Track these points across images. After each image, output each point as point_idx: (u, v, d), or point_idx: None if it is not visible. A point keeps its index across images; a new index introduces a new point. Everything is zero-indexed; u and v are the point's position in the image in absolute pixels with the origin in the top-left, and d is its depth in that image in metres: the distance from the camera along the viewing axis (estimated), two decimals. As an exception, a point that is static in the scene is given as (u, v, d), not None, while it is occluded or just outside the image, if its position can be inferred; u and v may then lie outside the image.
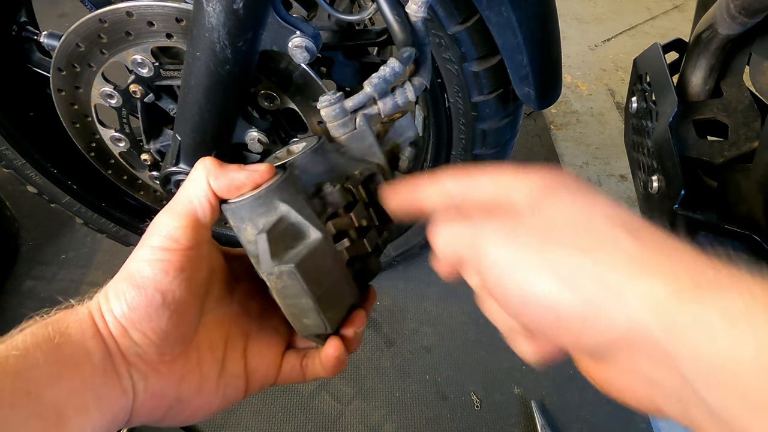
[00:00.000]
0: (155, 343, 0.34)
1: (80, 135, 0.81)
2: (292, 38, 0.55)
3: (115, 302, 0.33)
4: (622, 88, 1.72)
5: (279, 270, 0.34)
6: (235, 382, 0.39)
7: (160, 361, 0.34)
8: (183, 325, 0.35)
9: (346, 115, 0.42)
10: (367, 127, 0.43)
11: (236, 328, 0.40)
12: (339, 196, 0.39)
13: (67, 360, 0.31)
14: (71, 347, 0.32)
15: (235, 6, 0.50)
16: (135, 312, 0.33)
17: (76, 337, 0.32)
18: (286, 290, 0.35)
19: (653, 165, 0.74)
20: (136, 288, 0.33)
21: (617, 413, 0.98)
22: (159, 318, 0.33)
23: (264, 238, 0.34)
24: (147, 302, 0.33)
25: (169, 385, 0.35)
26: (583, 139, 1.55)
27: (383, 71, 0.42)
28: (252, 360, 0.40)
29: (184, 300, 0.34)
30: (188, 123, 0.62)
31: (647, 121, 0.79)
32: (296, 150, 0.40)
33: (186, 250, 0.34)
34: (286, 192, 0.36)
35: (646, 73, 0.81)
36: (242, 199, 0.35)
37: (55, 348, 0.31)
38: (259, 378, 0.40)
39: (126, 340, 0.33)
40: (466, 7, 0.64)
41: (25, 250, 1.24)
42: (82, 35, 0.66)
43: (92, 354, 0.32)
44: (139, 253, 0.34)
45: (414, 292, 1.16)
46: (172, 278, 0.33)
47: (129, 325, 0.33)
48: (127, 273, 0.33)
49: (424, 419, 0.97)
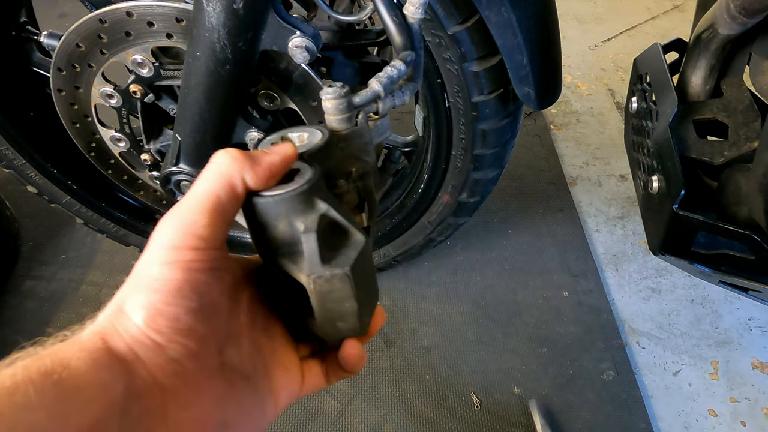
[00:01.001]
0: (195, 354, 0.29)
1: (80, 135, 0.81)
2: (292, 38, 0.55)
3: (137, 314, 0.28)
4: (622, 88, 1.72)
5: (331, 273, 0.32)
6: (269, 399, 0.35)
7: (201, 376, 0.30)
8: (219, 332, 0.31)
9: (350, 110, 0.41)
10: (366, 124, 0.42)
11: (248, 341, 0.35)
12: (354, 194, 0.38)
13: (71, 398, 0.25)
14: (78, 382, 0.25)
15: (235, 6, 0.50)
16: (169, 320, 0.28)
17: (84, 368, 0.26)
18: (332, 294, 0.33)
19: (653, 165, 0.74)
20: (164, 293, 0.28)
21: (617, 413, 0.98)
22: (197, 323, 0.29)
23: (313, 238, 0.32)
24: (182, 307, 0.29)
25: (213, 406, 0.31)
26: (583, 139, 1.55)
27: (390, 71, 0.42)
28: (276, 374, 0.36)
29: (218, 302, 0.31)
30: (188, 123, 0.62)
31: (647, 121, 0.79)
32: (294, 138, 0.39)
33: (215, 250, 0.30)
34: (322, 189, 0.34)
35: (646, 73, 0.81)
36: (281, 193, 0.32)
37: (56, 384, 0.25)
38: (286, 394, 0.36)
39: (159, 357, 0.28)
40: (466, 7, 0.64)
41: (25, 250, 1.24)
42: (82, 35, 0.66)
43: (108, 388, 0.26)
44: (160, 255, 0.29)
45: (414, 292, 1.16)
46: (207, 279, 0.30)
47: (161, 338, 0.28)
48: (148, 279, 0.29)
49: (424, 419, 0.97)
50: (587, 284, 1.17)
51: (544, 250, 1.24)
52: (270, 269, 0.36)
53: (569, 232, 1.28)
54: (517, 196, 1.37)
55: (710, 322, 1.12)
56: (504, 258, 1.23)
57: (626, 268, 1.22)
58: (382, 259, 1.09)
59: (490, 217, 1.31)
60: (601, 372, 1.03)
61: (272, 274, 0.36)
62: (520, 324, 1.11)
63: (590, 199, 1.38)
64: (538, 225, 1.29)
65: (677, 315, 1.13)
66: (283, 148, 0.34)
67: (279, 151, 0.33)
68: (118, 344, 0.28)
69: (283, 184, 0.33)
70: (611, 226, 1.32)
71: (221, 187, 0.31)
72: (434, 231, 0.98)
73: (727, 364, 1.06)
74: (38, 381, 0.24)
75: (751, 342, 1.09)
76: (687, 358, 1.07)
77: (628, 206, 1.36)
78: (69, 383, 0.25)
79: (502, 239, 1.27)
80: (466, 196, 0.89)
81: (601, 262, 1.23)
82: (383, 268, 1.14)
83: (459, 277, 1.19)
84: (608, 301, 1.14)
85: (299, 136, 0.39)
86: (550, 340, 1.08)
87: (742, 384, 1.03)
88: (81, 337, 0.28)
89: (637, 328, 1.12)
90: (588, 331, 1.09)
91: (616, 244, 1.28)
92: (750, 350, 1.08)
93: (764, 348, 1.08)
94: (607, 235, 1.30)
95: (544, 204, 1.35)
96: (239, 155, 0.32)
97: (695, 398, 1.01)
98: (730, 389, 1.02)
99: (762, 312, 1.13)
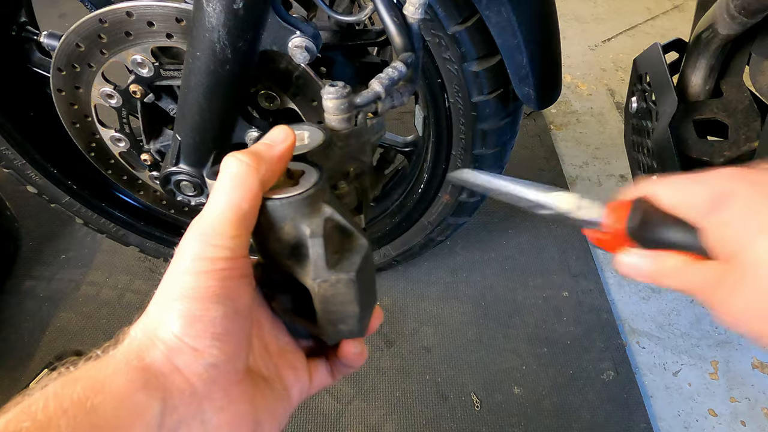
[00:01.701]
0: (231, 358, 0.30)
1: (80, 135, 0.81)
2: (292, 38, 0.55)
3: (175, 323, 0.28)
4: (622, 88, 1.72)
5: (336, 278, 0.33)
6: (285, 398, 0.36)
7: (234, 379, 0.31)
8: (248, 336, 0.32)
9: (351, 110, 0.41)
10: (365, 124, 0.42)
11: (258, 342, 0.37)
12: (353, 195, 0.39)
13: (106, 427, 0.25)
14: (112, 407, 0.25)
15: (235, 6, 0.50)
16: (207, 325, 0.29)
17: (119, 391, 0.26)
18: (335, 298, 0.34)
19: (653, 165, 0.74)
20: (200, 300, 0.29)
21: (617, 413, 0.98)
22: (233, 327, 0.30)
23: (320, 243, 0.32)
24: (219, 312, 0.29)
25: (246, 406, 0.32)
26: (583, 139, 1.55)
27: (391, 72, 0.42)
28: (286, 374, 0.37)
29: (249, 307, 0.32)
30: (188, 123, 0.62)
31: (647, 121, 0.79)
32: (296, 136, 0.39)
33: (243, 258, 0.31)
34: (326, 191, 0.34)
35: (646, 73, 0.81)
36: (289, 196, 0.32)
37: (88, 413, 0.24)
38: (297, 393, 0.37)
39: (197, 363, 0.29)
40: (466, 7, 0.64)
41: (25, 250, 1.24)
42: (82, 35, 0.66)
43: (144, 411, 0.26)
44: (192, 266, 0.29)
45: (414, 292, 1.16)
46: (238, 285, 0.30)
47: (199, 343, 0.29)
48: (183, 289, 0.29)
49: (424, 419, 0.97)
50: (587, 284, 1.17)
51: (544, 250, 1.24)
52: (271, 269, 0.36)
53: (569, 232, 1.28)
54: (517, 196, 1.36)
55: (710, 321, 1.12)
56: (504, 258, 1.23)
57: (626, 268, 1.22)
58: (382, 259, 1.09)
59: (490, 217, 1.31)
60: (601, 372, 1.03)
61: (273, 274, 0.36)
62: (520, 324, 1.11)
63: (590, 199, 1.38)
64: (538, 225, 1.29)
65: (677, 315, 1.13)
66: (280, 134, 0.34)
67: (279, 139, 0.33)
68: (155, 357, 0.28)
69: (288, 186, 0.33)
70: (611, 226, 1.32)
71: (242, 197, 0.31)
72: (434, 231, 0.98)
73: (727, 363, 1.06)
74: (71, 411, 0.24)
75: (751, 342, 1.09)
76: (687, 357, 1.07)
77: (628, 206, 1.36)
78: (103, 411, 0.25)
79: (502, 239, 1.27)
80: (466, 196, 0.89)
81: (601, 261, 1.23)
82: (383, 268, 1.14)
83: (459, 277, 1.19)
84: (608, 301, 1.14)
85: (299, 134, 0.39)
86: (550, 340, 1.08)
87: (742, 384, 1.03)
88: (115, 356, 0.28)
89: (637, 327, 1.12)
90: (588, 331, 1.09)
91: (616, 244, 1.27)
92: (750, 350, 1.08)
93: (764, 348, 1.08)
94: (607, 235, 1.29)
95: (544, 204, 1.34)
96: (250, 160, 0.32)
97: (695, 398, 1.01)
98: (730, 389, 1.02)
99: (762, 312, 1.13)
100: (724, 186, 0.30)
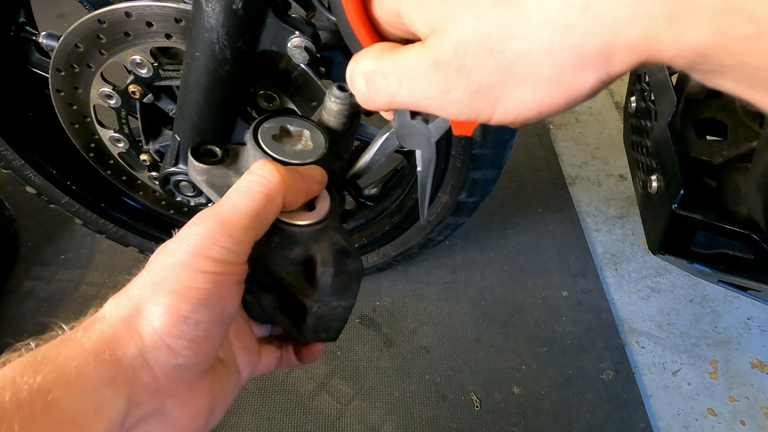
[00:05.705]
0: (203, 360, 0.30)
1: (79, 136, 0.81)
2: (291, 38, 0.54)
3: (158, 318, 0.27)
4: (622, 87, 1.72)
5: (337, 304, 0.35)
6: (236, 378, 0.37)
7: (200, 376, 0.31)
8: (224, 337, 0.32)
9: (351, 113, 0.42)
10: (357, 127, 0.44)
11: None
12: (343, 197, 0.40)
13: (66, 423, 0.23)
14: (75, 402, 0.23)
15: (234, 6, 0.50)
16: (190, 328, 0.28)
17: (85, 385, 0.24)
18: (330, 317, 0.36)
19: (652, 165, 0.74)
20: (191, 302, 0.28)
21: (617, 413, 0.98)
22: (215, 331, 0.29)
23: (330, 272, 0.34)
24: (206, 317, 0.28)
25: (206, 399, 0.32)
26: (582, 139, 1.55)
27: None
28: (240, 355, 0.38)
29: (235, 313, 0.31)
30: (187, 123, 0.62)
31: (646, 120, 0.79)
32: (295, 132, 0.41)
33: (242, 265, 0.31)
34: (336, 218, 0.37)
35: (645, 73, 0.81)
36: (309, 224, 0.34)
37: (48, 407, 0.22)
38: (246, 373, 0.38)
39: (168, 362, 0.28)
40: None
41: (24, 251, 1.24)
42: (80, 36, 0.65)
43: (109, 407, 0.25)
44: (192, 261, 0.28)
45: (414, 292, 1.16)
46: (232, 291, 0.30)
47: (177, 344, 0.28)
48: (176, 285, 0.28)
49: (424, 419, 0.97)
50: (586, 284, 1.17)
51: (543, 250, 1.24)
52: (261, 274, 0.37)
53: (568, 232, 1.28)
54: (517, 196, 1.37)
55: (709, 321, 1.12)
56: (503, 258, 1.23)
57: (625, 268, 1.23)
58: (381, 259, 1.09)
59: (489, 217, 1.31)
60: (601, 371, 1.03)
61: (262, 277, 0.37)
62: (520, 324, 1.11)
63: (589, 198, 1.38)
64: (537, 225, 1.30)
65: (676, 314, 1.14)
66: (318, 175, 0.35)
67: (316, 179, 0.35)
68: (128, 351, 0.27)
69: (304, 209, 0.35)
70: (610, 225, 1.32)
71: (265, 207, 0.31)
72: (433, 231, 0.98)
73: (727, 363, 1.06)
74: (28, 405, 0.22)
75: (751, 341, 1.09)
76: (686, 357, 1.07)
77: (628, 206, 1.36)
78: (65, 405, 0.23)
79: (501, 239, 1.27)
80: (465, 196, 0.89)
81: (600, 261, 1.24)
82: (383, 268, 1.14)
83: (458, 277, 1.19)
84: (607, 301, 1.14)
85: (300, 131, 0.40)
86: (550, 340, 1.08)
87: (741, 383, 1.03)
88: (84, 345, 0.26)
89: (637, 327, 1.12)
90: (587, 330, 1.09)
91: (616, 244, 1.28)
92: (749, 349, 1.08)
93: (763, 347, 1.08)
94: (607, 235, 1.30)
95: (544, 204, 1.35)
96: (286, 175, 0.32)
97: (694, 397, 1.01)
98: (729, 388, 1.02)
99: (761, 311, 1.13)
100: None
